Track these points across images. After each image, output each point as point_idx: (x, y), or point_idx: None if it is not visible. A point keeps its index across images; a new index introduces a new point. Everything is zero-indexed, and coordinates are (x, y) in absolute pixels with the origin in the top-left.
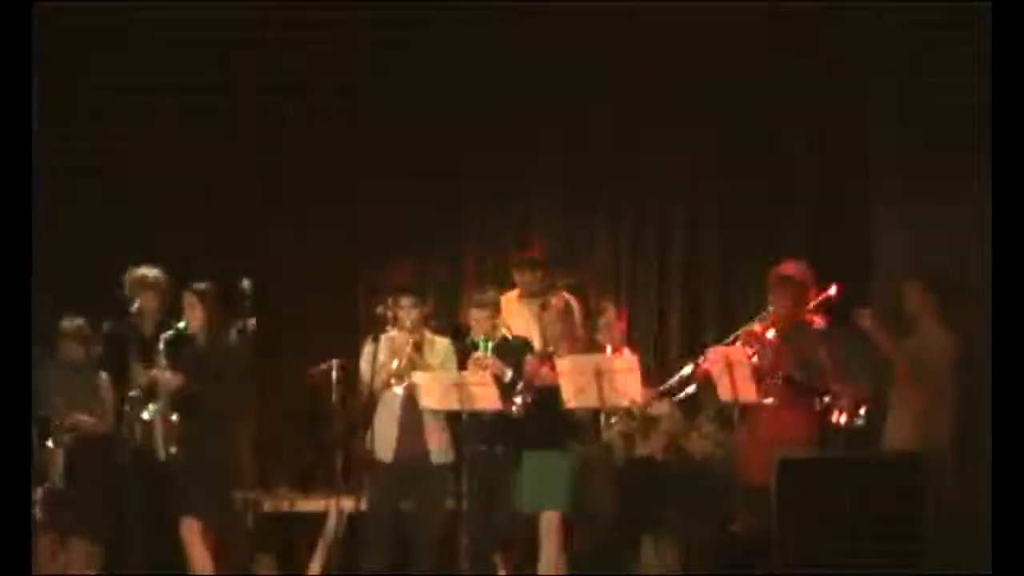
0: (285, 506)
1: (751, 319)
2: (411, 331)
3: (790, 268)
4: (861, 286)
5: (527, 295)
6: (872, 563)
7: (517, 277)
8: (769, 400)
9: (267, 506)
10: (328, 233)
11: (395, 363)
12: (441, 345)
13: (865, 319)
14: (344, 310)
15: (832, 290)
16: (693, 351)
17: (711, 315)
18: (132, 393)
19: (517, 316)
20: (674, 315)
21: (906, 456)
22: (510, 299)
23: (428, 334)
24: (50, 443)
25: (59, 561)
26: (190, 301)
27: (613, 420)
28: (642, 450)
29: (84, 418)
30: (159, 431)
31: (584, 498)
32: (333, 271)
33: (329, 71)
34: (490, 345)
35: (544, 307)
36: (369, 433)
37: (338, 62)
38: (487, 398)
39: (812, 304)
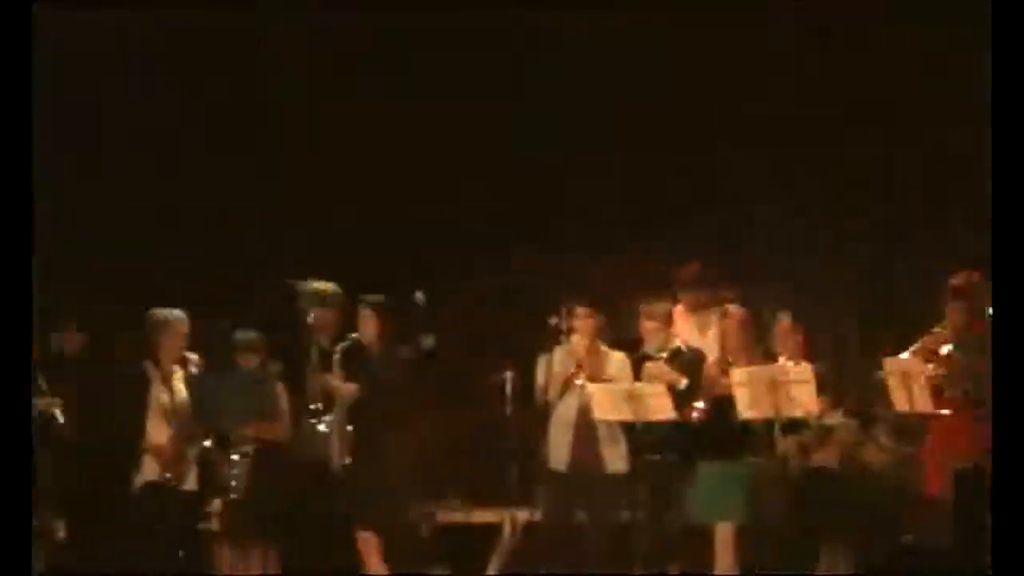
0: (459, 517)
1: (929, 330)
2: (586, 341)
3: (964, 279)
4: None
5: (692, 309)
6: None
7: (680, 294)
8: (945, 411)
9: (441, 517)
10: (503, 245)
11: (570, 373)
12: (616, 357)
13: None
14: (518, 320)
15: None
16: (871, 362)
17: (889, 325)
18: (312, 406)
19: (685, 328)
20: (852, 325)
21: None
22: (678, 311)
23: (603, 347)
24: (233, 454)
25: (238, 570)
26: (364, 313)
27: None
28: (817, 461)
29: (263, 428)
30: (335, 442)
31: (759, 509)
32: (507, 282)
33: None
34: (664, 355)
35: (724, 316)
36: (544, 443)
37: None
38: (661, 408)
39: (988, 315)
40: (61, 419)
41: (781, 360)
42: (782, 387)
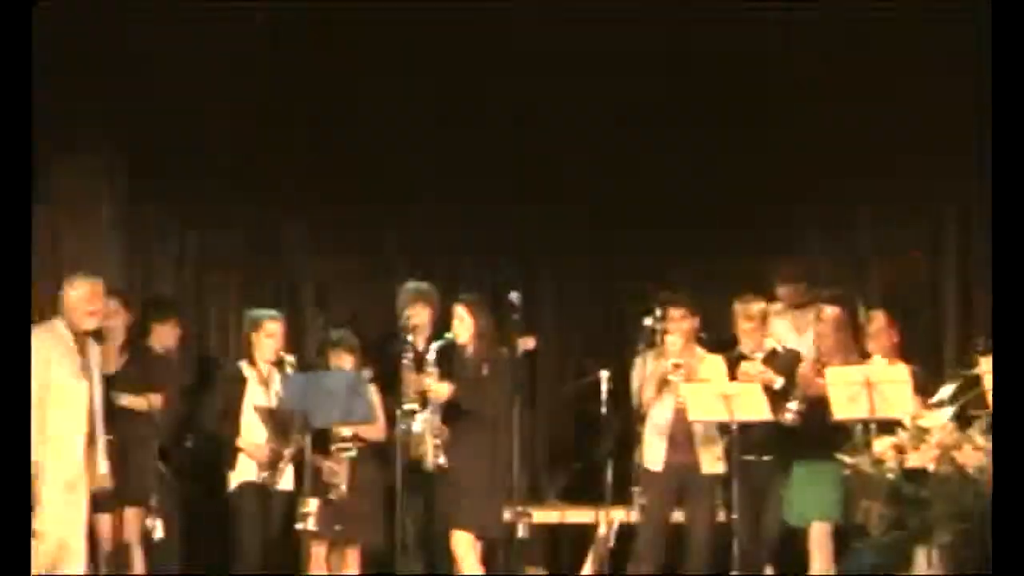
0: (555, 517)
1: None
2: (681, 342)
3: None
4: None
5: (789, 308)
6: None
7: (779, 291)
8: None
9: (537, 517)
10: (599, 244)
11: (665, 374)
12: (711, 359)
13: None
14: (613, 321)
15: None
16: (966, 360)
17: (986, 322)
18: (407, 406)
19: (780, 328)
20: (948, 323)
21: None
22: (773, 310)
23: (699, 349)
24: (329, 454)
25: (334, 570)
26: (460, 312)
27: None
28: (913, 461)
29: (358, 428)
30: (429, 441)
31: (854, 509)
32: (603, 283)
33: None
34: (759, 355)
35: (819, 317)
36: (639, 444)
37: None
38: (756, 408)
39: None
40: (156, 419)
41: (876, 360)
42: (877, 387)
